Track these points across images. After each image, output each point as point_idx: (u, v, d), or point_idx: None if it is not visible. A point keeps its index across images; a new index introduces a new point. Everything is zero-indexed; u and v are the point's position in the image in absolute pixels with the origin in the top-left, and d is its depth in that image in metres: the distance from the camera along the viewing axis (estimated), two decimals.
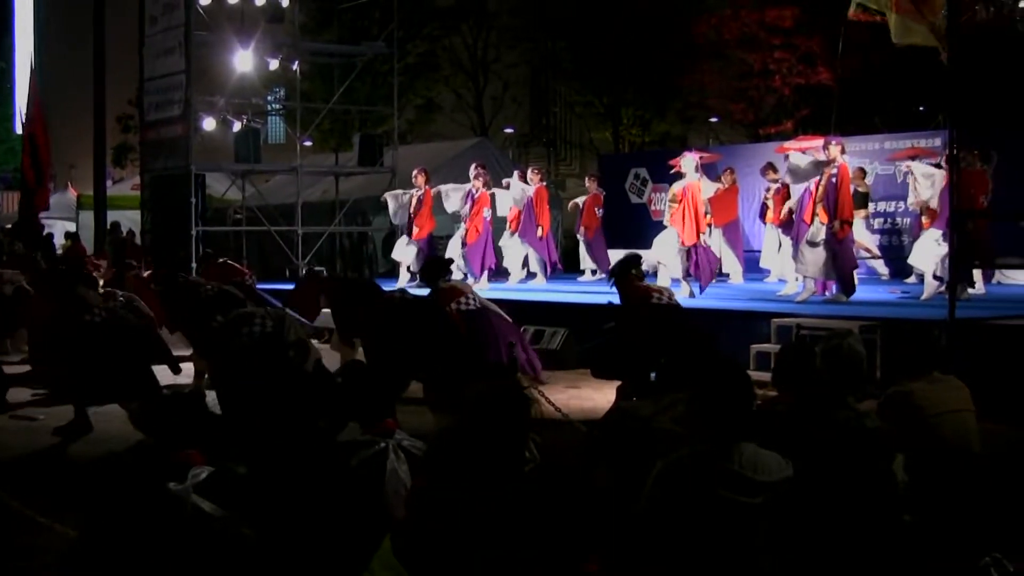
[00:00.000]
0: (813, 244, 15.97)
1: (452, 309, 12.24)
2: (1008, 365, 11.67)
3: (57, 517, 6.99)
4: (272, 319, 10.13)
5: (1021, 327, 12.39)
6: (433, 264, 13.56)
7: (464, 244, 20.71)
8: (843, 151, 16.31)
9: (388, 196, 22.18)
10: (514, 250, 21.68)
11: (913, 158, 20.29)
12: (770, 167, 20.95)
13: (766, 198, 21.47)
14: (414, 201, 21.39)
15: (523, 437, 4.93)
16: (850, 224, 16.25)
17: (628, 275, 11.78)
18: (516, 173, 22.31)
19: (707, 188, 19.61)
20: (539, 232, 21.59)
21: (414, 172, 21.76)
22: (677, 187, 18.52)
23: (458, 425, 4.74)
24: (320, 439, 4.97)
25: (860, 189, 20.20)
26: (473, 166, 21.54)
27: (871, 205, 21.39)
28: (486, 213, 20.78)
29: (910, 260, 17.67)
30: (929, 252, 16.41)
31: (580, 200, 23.48)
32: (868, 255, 20.87)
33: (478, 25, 45.18)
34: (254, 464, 5.29)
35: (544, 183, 22.20)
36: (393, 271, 23.21)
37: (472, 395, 4.76)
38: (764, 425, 5.45)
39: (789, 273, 18.23)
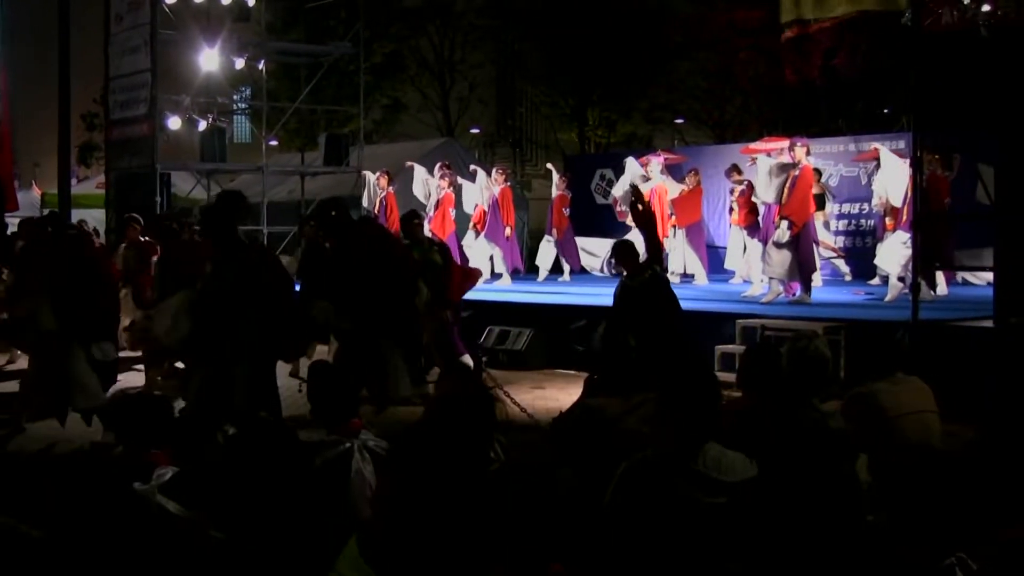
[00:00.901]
0: (779, 245, 16.04)
1: None
2: (971, 366, 11.73)
3: (21, 518, 6.94)
4: None
5: (984, 328, 12.45)
6: None
7: None
8: (808, 152, 16.43)
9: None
10: (480, 251, 21.65)
11: (877, 159, 20.41)
12: (734, 168, 21.00)
13: (732, 200, 21.54)
14: (378, 204, 21.40)
15: (488, 437, 4.94)
16: (798, 224, 16.28)
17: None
18: (480, 172, 22.32)
19: (672, 190, 19.71)
20: (507, 232, 21.60)
21: (376, 175, 21.75)
22: (644, 189, 18.58)
23: (423, 425, 4.74)
24: (285, 438, 4.95)
25: (814, 191, 20.29)
26: (438, 166, 21.53)
27: (833, 206, 21.51)
28: (452, 213, 20.78)
29: (876, 262, 17.75)
30: (896, 254, 16.49)
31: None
32: (833, 254, 20.97)
33: (444, 25, 45.13)
34: (219, 464, 5.27)
35: (508, 183, 22.21)
36: None
37: (437, 395, 4.76)
38: (729, 425, 5.47)
39: (755, 274, 18.29)
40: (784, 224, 16.01)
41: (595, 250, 24.06)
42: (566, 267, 23.02)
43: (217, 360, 9.09)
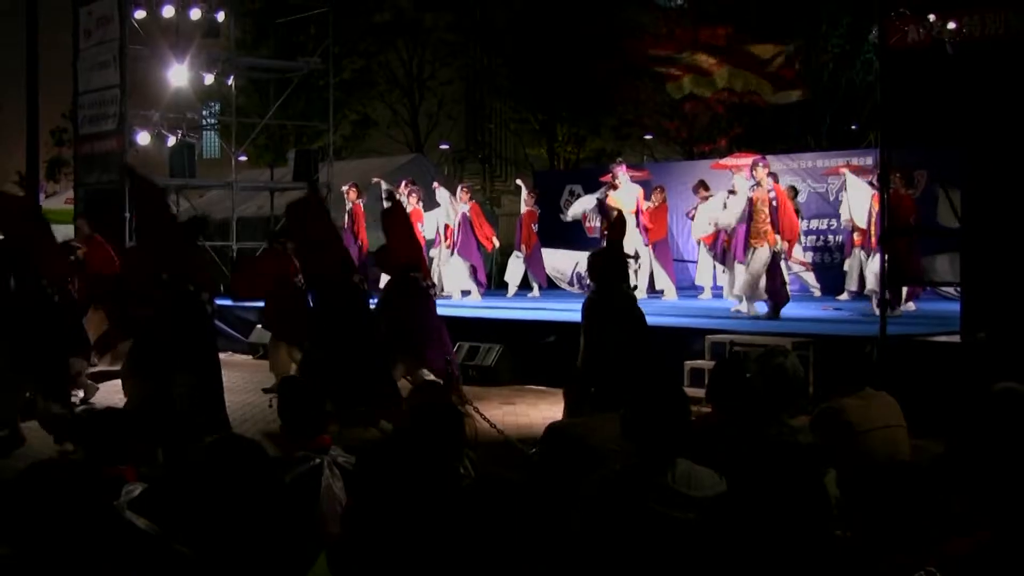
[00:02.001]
0: (751, 268, 16.25)
1: None
2: (938, 381, 11.77)
3: None
4: None
5: (951, 343, 12.51)
6: None
7: None
8: (769, 173, 16.55)
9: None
10: (456, 269, 21.73)
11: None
12: (701, 184, 21.08)
13: (689, 214, 21.65)
14: (346, 217, 21.43)
15: (458, 453, 4.93)
16: (792, 244, 16.56)
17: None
18: (442, 190, 22.31)
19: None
20: (495, 243, 21.97)
21: (344, 187, 21.76)
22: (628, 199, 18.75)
23: (392, 440, 4.73)
24: (254, 454, 4.93)
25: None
26: (403, 183, 21.60)
27: (801, 222, 21.62)
28: (420, 228, 20.80)
29: (869, 285, 17.66)
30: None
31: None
32: (803, 268, 21.04)
33: (414, 42, 45.11)
34: (187, 480, 5.24)
35: (473, 200, 22.25)
36: None
37: (406, 410, 4.75)
38: (698, 441, 5.47)
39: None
40: (765, 249, 16.17)
41: (563, 263, 24.09)
42: (535, 283, 23.03)
43: (159, 370, 9.12)
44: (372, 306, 12.92)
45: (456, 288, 21.90)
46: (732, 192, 18.10)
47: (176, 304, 9.92)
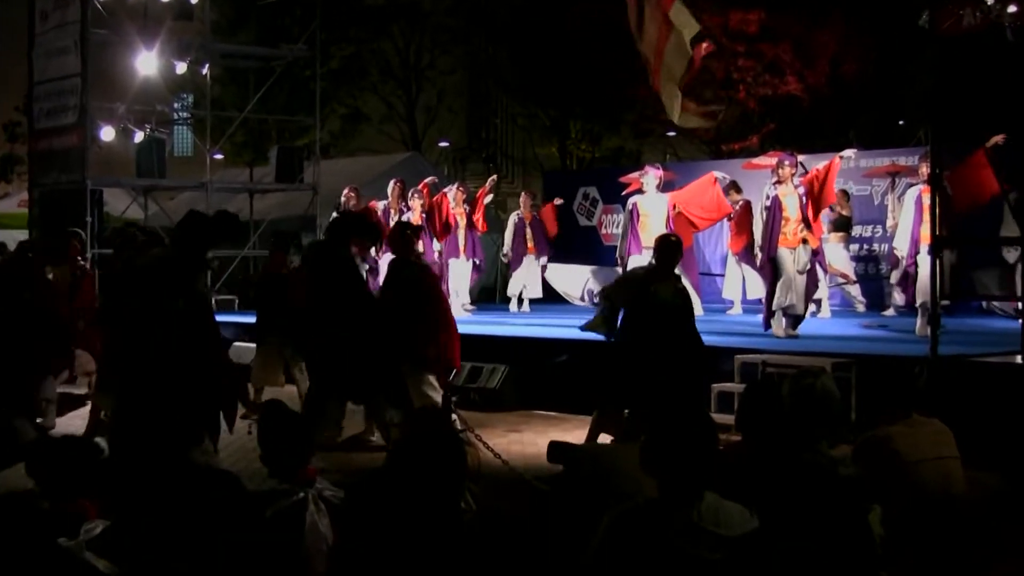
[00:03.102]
0: (801, 273, 16.23)
1: None
2: (997, 406, 11.74)
3: None
4: None
5: (1010, 364, 12.49)
6: None
7: None
8: (795, 173, 16.55)
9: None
10: (462, 273, 21.86)
11: (892, 175, 20.48)
12: (733, 187, 21.05)
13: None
14: None
15: (458, 486, 4.92)
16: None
17: None
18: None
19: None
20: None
21: (345, 191, 21.80)
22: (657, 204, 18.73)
23: (384, 472, 4.72)
24: (231, 488, 4.93)
25: (844, 212, 20.42)
26: (393, 182, 21.69)
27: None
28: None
29: (919, 296, 17.56)
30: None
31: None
32: (843, 281, 21.00)
33: (410, 27, 45.08)
34: (155, 517, 5.24)
35: (465, 196, 22.36)
36: None
37: (401, 439, 4.74)
38: (726, 473, 5.46)
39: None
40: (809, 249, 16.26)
41: (571, 282, 24.16)
42: (523, 297, 23.14)
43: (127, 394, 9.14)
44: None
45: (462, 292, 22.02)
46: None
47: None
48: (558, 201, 24.04)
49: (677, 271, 19.52)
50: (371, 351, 12.21)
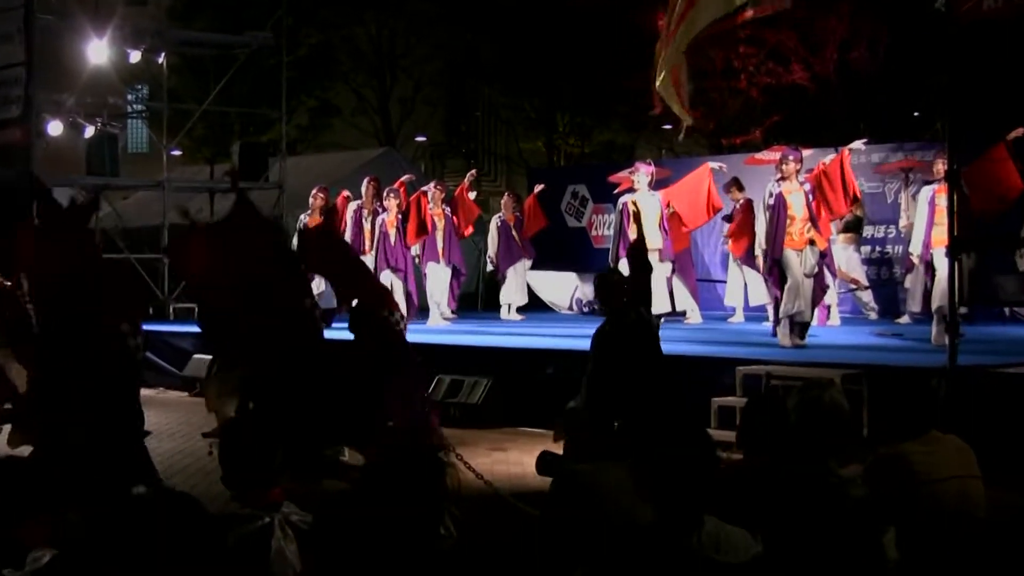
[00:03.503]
0: (809, 276, 16.23)
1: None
2: (1021, 421, 11.76)
3: None
4: None
5: None
6: None
7: None
8: (800, 169, 16.57)
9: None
10: (441, 279, 21.81)
11: (906, 171, 20.49)
12: (735, 184, 21.07)
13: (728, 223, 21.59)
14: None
15: (437, 510, 4.91)
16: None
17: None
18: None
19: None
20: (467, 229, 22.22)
21: (313, 191, 21.76)
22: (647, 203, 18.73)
23: (356, 495, 4.70)
24: (190, 511, 4.91)
25: (856, 212, 20.39)
26: (367, 181, 21.65)
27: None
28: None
29: (935, 301, 17.53)
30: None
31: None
32: (855, 287, 21.01)
33: (384, 12, 45.08)
34: (108, 544, 5.22)
35: (443, 195, 22.32)
36: None
37: (374, 457, 4.73)
38: (727, 495, 5.46)
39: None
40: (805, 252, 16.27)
41: (558, 290, 24.21)
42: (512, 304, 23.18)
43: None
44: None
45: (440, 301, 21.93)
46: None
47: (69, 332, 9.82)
48: (539, 187, 23.97)
49: (675, 278, 19.62)
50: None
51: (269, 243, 11.82)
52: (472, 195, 22.95)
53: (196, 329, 17.21)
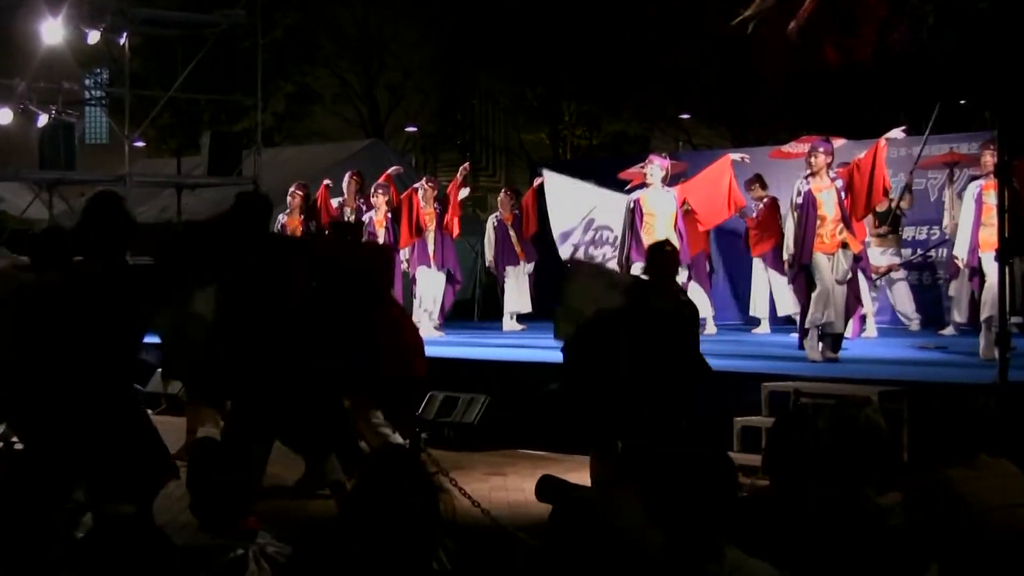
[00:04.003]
0: (841, 283, 16.21)
1: None
2: None
3: None
4: None
5: None
6: None
7: None
8: (831, 162, 16.52)
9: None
10: (434, 284, 21.77)
11: (951, 166, 20.43)
12: (757, 180, 21.05)
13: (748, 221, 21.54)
14: (289, 231, 21.48)
15: (429, 541, 4.91)
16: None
17: None
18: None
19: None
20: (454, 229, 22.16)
21: (291, 189, 21.75)
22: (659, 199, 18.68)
23: (339, 524, 4.70)
24: (154, 542, 4.91)
25: (903, 205, 20.33)
26: (348, 176, 21.66)
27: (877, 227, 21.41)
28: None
29: (984, 310, 17.44)
30: None
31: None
32: (889, 270, 20.75)
33: None
34: None
35: (436, 192, 22.30)
36: None
37: (359, 483, 4.73)
38: (751, 525, 5.45)
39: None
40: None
41: (572, 202, 23.70)
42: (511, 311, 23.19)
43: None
44: None
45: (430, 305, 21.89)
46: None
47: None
48: (539, 180, 23.85)
49: (691, 284, 19.61)
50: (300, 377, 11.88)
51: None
52: (464, 192, 22.88)
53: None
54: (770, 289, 21.20)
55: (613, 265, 18.36)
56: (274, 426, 11.57)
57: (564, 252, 19.70)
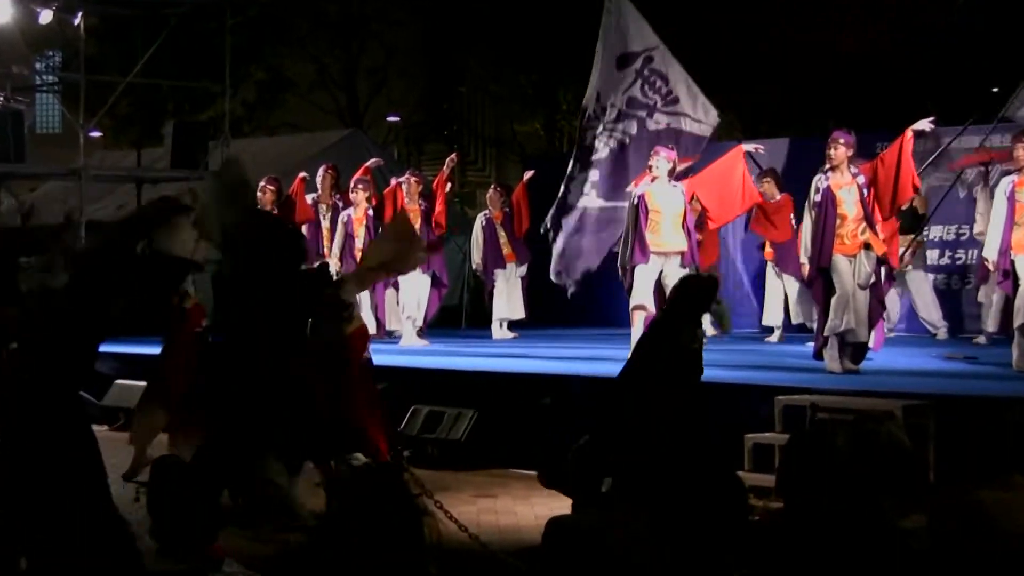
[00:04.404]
0: (863, 287, 16.18)
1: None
2: None
3: None
4: None
5: None
6: None
7: None
8: (850, 153, 16.48)
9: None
10: (420, 289, 21.72)
11: (985, 164, 20.40)
12: (771, 176, 21.02)
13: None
14: None
15: (413, 568, 4.92)
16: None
17: None
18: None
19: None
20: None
21: (262, 183, 21.74)
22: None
23: (312, 549, 4.71)
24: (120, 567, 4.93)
25: (915, 205, 20.30)
26: (323, 170, 21.66)
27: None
28: None
29: (1017, 318, 17.38)
30: None
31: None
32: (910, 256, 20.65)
33: None
34: None
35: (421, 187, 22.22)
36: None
37: (335, 505, 4.73)
38: (764, 548, 5.47)
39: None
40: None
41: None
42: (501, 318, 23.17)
43: None
44: None
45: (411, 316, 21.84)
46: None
47: None
48: (529, 174, 23.75)
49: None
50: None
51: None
52: (447, 186, 22.79)
53: (123, 348, 17.30)
54: (784, 293, 21.18)
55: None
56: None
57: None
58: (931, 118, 17.38)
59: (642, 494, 5.86)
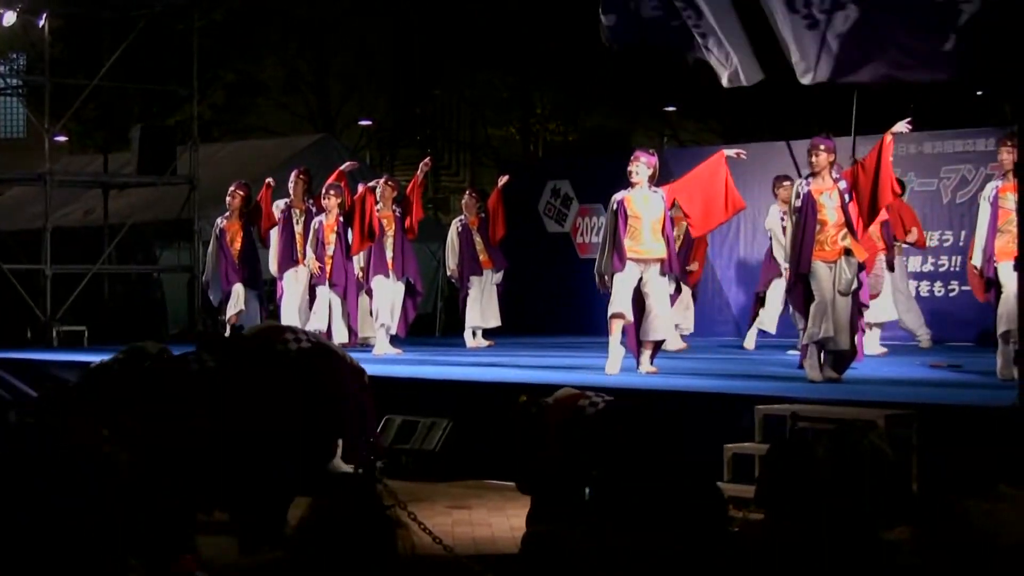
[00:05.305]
0: (844, 294, 16.17)
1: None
2: None
3: None
4: None
5: None
6: None
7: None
8: (833, 159, 16.47)
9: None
10: (394, 296, 21.67)
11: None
12: (783, 183, 20.94)
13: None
14: (229, 235, 21.48)
15: None
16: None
17: None
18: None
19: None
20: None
21: (231, 188, 21.70)
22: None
23: (286, 564, 4.71)
24: None
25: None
26: (295, 174, 21.65)
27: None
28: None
29: (1001, 325, 17.37)
30: None
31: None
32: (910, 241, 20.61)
33: None
34: None
35: (396, 193, 22.17)
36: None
37: (307, 517, 4.73)
38: (743, 560, 5.47)
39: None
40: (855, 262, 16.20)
41: None
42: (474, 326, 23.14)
43: None
44: None
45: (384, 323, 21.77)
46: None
47: None
48: (504, 179, 23.69)
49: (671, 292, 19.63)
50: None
51: None
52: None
53: (85, 357, 17.29)
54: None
55: None
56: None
57: None
58: (908, 120, 17.38)
59: (623, 505, 5.84)
